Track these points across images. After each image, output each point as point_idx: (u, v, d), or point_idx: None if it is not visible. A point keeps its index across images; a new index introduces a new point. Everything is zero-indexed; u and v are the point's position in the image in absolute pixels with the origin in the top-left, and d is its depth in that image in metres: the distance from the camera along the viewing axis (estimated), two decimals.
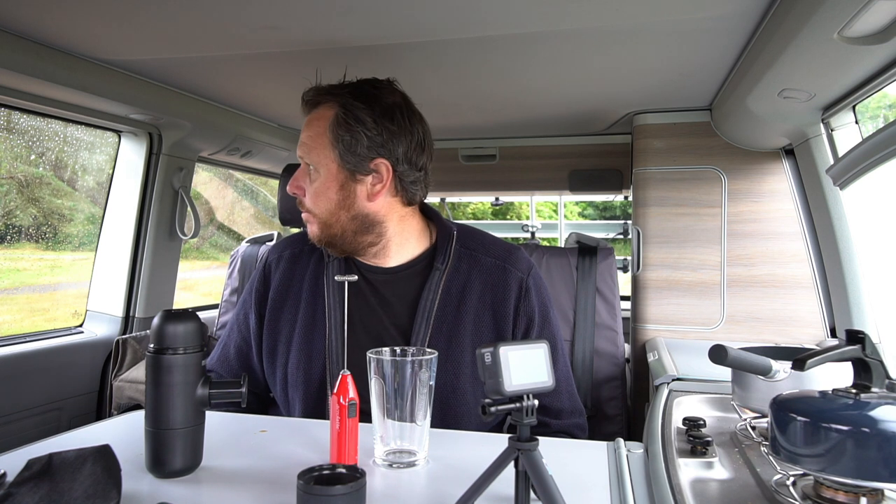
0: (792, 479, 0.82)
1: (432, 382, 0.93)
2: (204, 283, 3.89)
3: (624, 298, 2.10)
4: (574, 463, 0.95)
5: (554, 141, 2.65)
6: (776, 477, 0.84)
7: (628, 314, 2.12)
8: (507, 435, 0.88)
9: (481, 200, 5.38)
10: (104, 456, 0.78)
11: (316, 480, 0.72)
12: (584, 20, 1.28)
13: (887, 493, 0.75)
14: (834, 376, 0.93)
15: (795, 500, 0.78)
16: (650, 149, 2.07)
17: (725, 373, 1.12)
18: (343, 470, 0.73)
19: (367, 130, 1.19)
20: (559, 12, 1.24)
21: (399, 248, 1.29)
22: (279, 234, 2.34)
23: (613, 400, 1.80)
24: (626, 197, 3.42)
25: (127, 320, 2.19)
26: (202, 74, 1.76)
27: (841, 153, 1.54)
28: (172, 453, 0.88)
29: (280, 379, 1.29)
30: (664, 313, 2.02)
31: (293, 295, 1.33)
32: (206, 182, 3.84)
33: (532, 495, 0.74)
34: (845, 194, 1.65)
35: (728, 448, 1.01)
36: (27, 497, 0.71)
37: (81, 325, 2.20)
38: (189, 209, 2.26)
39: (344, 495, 0.69)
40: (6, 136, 2.14)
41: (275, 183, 3.00)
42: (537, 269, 1.34)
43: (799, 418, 0.75)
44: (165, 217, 2.21)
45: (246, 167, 2.74)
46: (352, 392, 0.89)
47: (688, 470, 0.91)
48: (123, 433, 1.06)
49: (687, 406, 1.21)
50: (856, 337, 0.80)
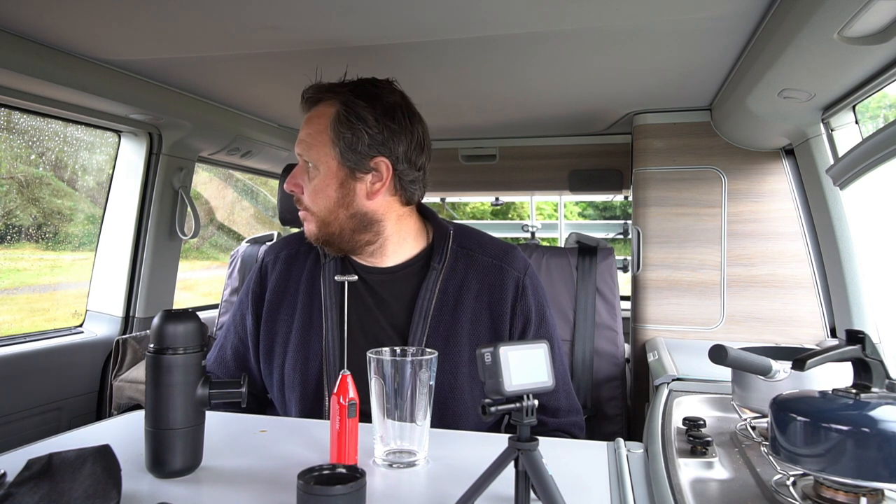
0: (792, 479, 0.82)
1: (432, 382, 0.93)
2: (204, 283, 3.89)
3: (624, 298, 2.10)
4: (574, 463, 0.95)
5: (554, 141, 2.65)
6: (776, 477, 0.84)
7: (628, 314, 2.12)
8: (507, 435, 0.88)
9: (481, 200, 5.38)
10: (104, 456, 0.78)
11: (316, 480, 0.72)
12: (584, 20, 1.28)
13: (887, 493, 0.75)
14: (834, 376, 0.93)
15: (795, 500, 0.78)
16: (650, 149, 2.07)
17: (725, 373, 1.11)
18: (343, 470, 0.73)
19: (369, 128, 1.18)
20: (559, 12, 1.24)
21: (396, 248, 1.29)
22: (279, 234, 2.34)
23: (613, 400, 1.80)
24: (626, 197, 3.42)
25: (127, 320, 2.19)
26: (202, 74, 1.76)
27: (841, 153, 1.54)
28: (172, 453, 0.88)
29: (277, 380, 1.29)
30: (664, 313, 2.02)
31: (290, 296, 1.32)
32: (206, 182, 3.84)
33: (532, 495, 0.74)
34: (845, 194, 1.64)
35: (728, 448, 1.01)
36: (27, 497, 0.71)
37: (81, 325, 2.20)
38: (189, 209, 2.26)
39: (344, 495, 0.69)
40: (6, 136, 2.14)
41: (275, 183, 3.01)
42: (534, 269, 1.33)
43: (799, 418, 0.75)
44: (165, 217, 2.21)
45: (246, 167, 2.74)
46: (352, 392, 0.89)
47: (688, 470, 0.91)
48: (123, 433, 1.06)
49: (687, 406, 1.21)
50: (856, 337, 0.80)
